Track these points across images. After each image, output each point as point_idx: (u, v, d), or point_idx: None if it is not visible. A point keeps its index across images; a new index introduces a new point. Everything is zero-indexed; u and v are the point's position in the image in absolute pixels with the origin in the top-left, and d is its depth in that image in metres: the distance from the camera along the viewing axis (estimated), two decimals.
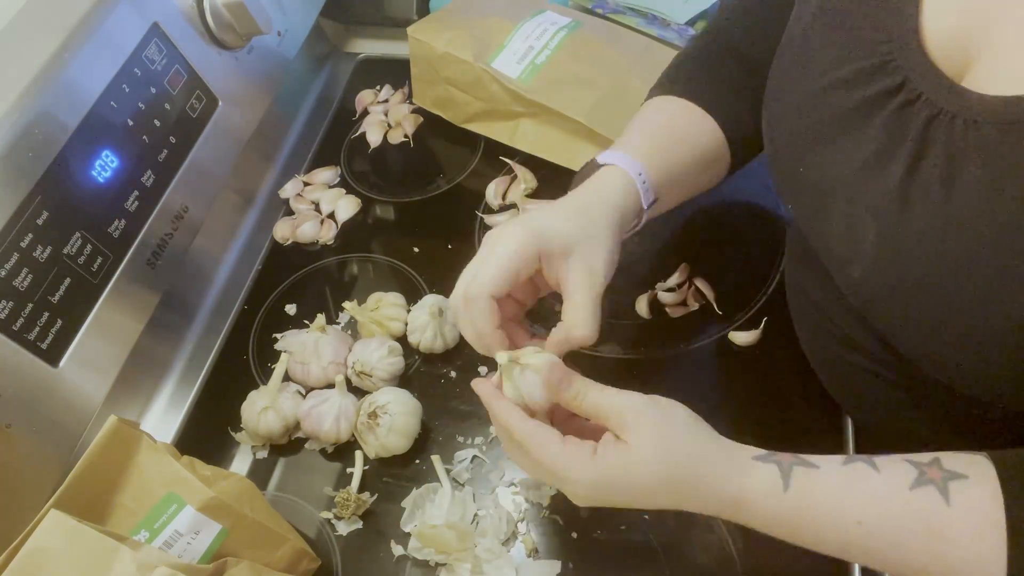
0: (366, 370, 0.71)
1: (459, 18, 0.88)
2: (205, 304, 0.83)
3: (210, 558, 0.53)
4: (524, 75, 0.81)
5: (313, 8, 0.97)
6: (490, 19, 0.87)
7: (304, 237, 0.86)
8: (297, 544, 0.60)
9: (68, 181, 0.62)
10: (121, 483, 0.53)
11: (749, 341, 0.71)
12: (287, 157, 0.96)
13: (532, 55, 0.83)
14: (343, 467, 0.69)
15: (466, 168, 0.91)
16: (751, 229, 0.81)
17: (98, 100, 0.64)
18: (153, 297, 0.72)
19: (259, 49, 0.84)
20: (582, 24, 0.87)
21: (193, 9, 0.74)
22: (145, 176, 0.69)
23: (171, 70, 0.72)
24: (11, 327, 0.57)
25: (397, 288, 0.79)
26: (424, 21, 0.89)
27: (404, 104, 0.99)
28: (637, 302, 0.75)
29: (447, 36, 0.85)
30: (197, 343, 0.80)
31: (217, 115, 0.78)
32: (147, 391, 0.76)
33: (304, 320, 0.78)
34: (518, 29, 0.85)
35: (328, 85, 1.05)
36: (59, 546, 0.46)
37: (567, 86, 0.80)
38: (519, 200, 0.84)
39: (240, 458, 0.71)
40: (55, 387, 0.61)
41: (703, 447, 0.47)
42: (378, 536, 0.65)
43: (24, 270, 0.58)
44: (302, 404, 0.69)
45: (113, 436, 0.52)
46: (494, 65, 0.82)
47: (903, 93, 0.42)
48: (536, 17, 0.87)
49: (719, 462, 0.46)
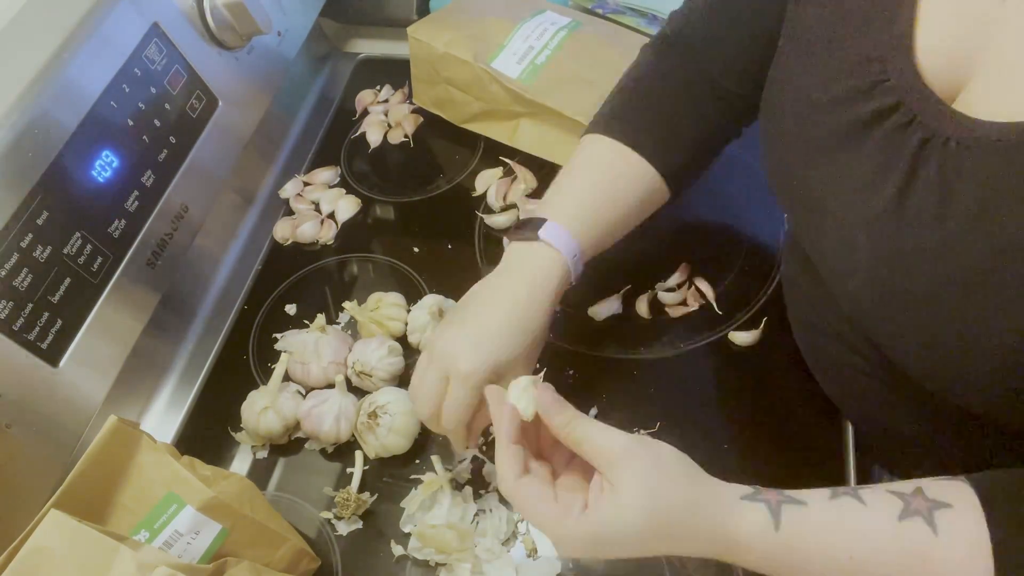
0: (366, 370, 0.71)
1: (459, 18, 0.88)
2: (205, 304, 0.83)
3: (210, 558, 0.53)
4: (524, 75, 0.81)
5: (313, 8, 0.97)
6: (489, 19, 0.87)
7: (304, 237, 0.86)
8: (297, 544, 0.60)
9: (68, 181, 0.62)
10: (121, 483, 0.53)
11: (749, 341, 0.71)
12: (287, 157, 0.96)
13: (532, 55, 0.83)
14: (343, 467, 0.69)
15: (466, 168, 0.91)
16: (751, 229, 0.81)
17: (98, 100, 0.64)
18: (153, 297, 0.72)
19: (259, 49, 0.84)
20: (582, 24, 0.87)
21: (193, 9, 0.74)
22: (145, 176, 0.69)
23: (171, 70, 0.72)
24: (11, 327, 0.57)
25: (397, 288, 0.79)
26: (424, 21, 0.89)
27: (404, 104, 0.99)
28: (637, 302, 0.75)
29: (447, 36, 0.85)
30: (197, 343, 0.80)
31: (217, 115, 0.78)
32: (147, 391, 0.76)
33: (304, 320, 0.78)
34: (518, 29, 0.85)
35: (328, 85, 1.05)
36: (59, 546, 0.46)
37: (568, 86, 0.80)
38: (519, 200, 0.84)
39: (240, 458, 0.71)
40: (55, 387, 0.61)
41: (691, 491, 0.46)
42: (378, 536, 0.65)
43: (24, 270, 0.58)
44: (302, 404, 0.69)
45: (113, 436, 0.52)
46: (494, 65, 0.82)
47: (897, 115, 0.43)
48: (536, 17, 0.87)
49: (708, 505, 0.46)
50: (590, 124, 0.66)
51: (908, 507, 0.43)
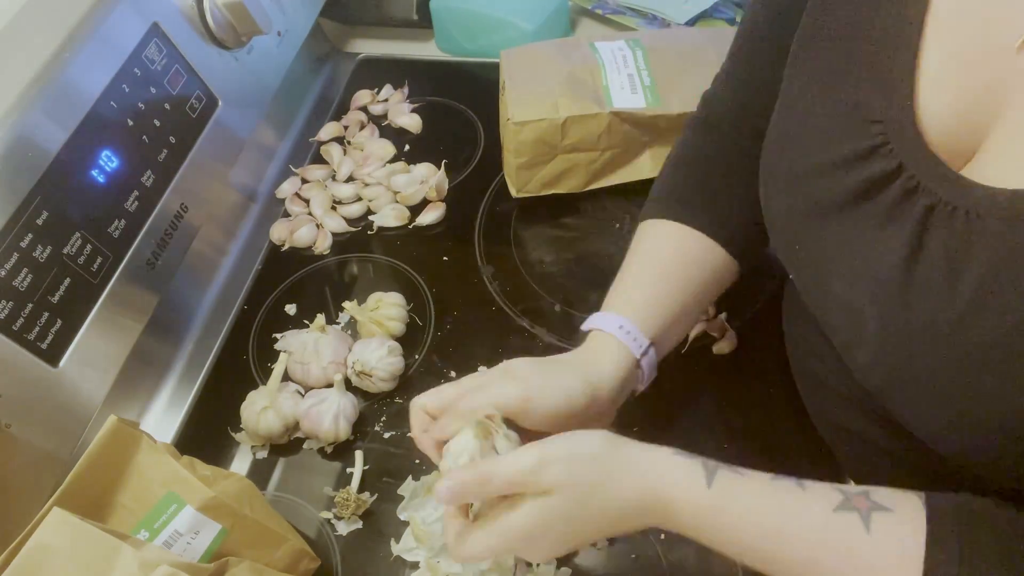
0: (366, 370, 0.71)
1: (536, 88, 0.81)
2: (205, 304, 0.83)
3: (210, 558, 0.53)
4: (651, 100, 0.79)
5: (313, 8, 0.97)
6: (566, 72, 0.82)
7: (300, 243, 0.86)
8: (297, 544, 0.60)
9: (68, 181, 0.62)
10: (121, 483, 0.53)
11: (726, 350, 0.72)
12: (287, 157, 0.96)
13: (637, 81, 0.80)
14: (343, 467, 0.69)
15: (467, 168, 0.91)
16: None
17: (98, 100, 0.64)
18: (153, 297, 0.72)
19: (259, 49, 0.84)
20: (639, 37, 0.86)
21: (193, 9, 0.74)
22: (145, 176, 0.69)
23: (171, 70, 0.72)
24: (11, 327, 0.57)
25: (397, 288, 0.79)
26: (510, 105, 0.80)
27: (404, 103, 0.99)
28: None
29: (551, 103, 0.79)
30: (197, 343, 0.80)
31: (217, 115, 0.78)
32: (147, 391, 0.76)
33: (304, 320, 0.78)
34: (603, 67, 0.82)
35: (328, 85, 1.05)
36: (62, 543, 0.46)
37: (685, 86, 0.78)
38: None
39: (240, 458, 0.71)
40: (55, 387, 0.61)
41: (616, 453, 0.46)
42: (378, 536, 0.65)
43: (24, 270, 0.58)
44: (301, 403, 0.69)
45: (113, 436, 0.52)
46: (618, 106, 0.79)
47: (900, 180, 0.41)
48: (601, 51, 0.84)
49: (638, 471, 0.45)
50: (645, 208, 0.64)
51: (847, 502, 0.42)
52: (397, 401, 0.73)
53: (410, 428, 0.55)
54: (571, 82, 0.81)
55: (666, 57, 0.83)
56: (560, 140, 0.80)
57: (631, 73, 0.81)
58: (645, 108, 0.79)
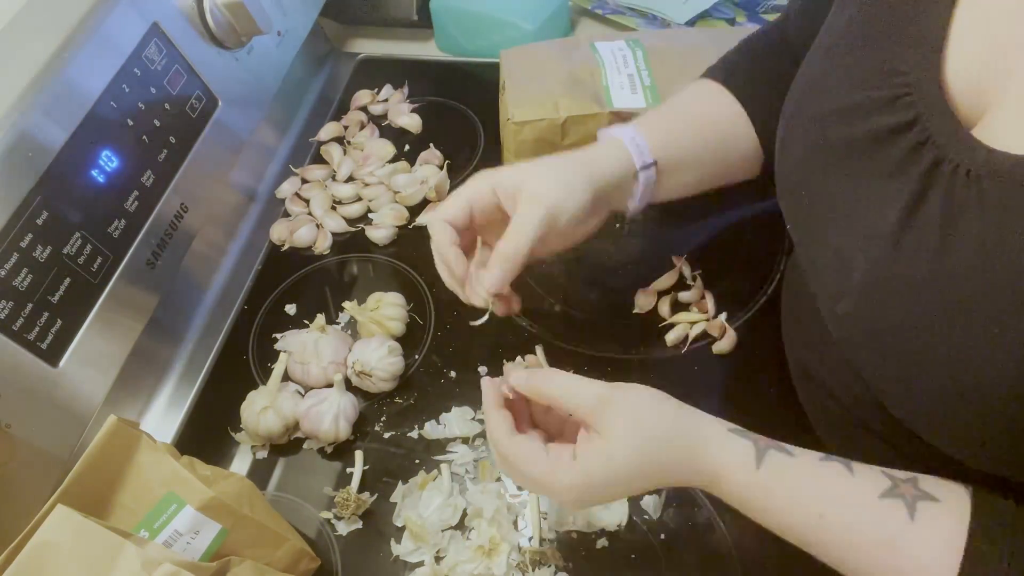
0: (366, 370, 0.71)
1: (537, 89, 0.81)
2: (205, 304, 0.83)
3: (210, 558, 0.53)
4: (651, 100, 0.79)
5: (313, 8, 0.97)
6: (566, 71, 0.82)
7: (300, 242, 0.86)
8: (297, 544, 0.60)
9: (68, 181, 0.62)
10: (121, 483, 0.53)
11: (725, 349, 0.72)
12: (287, 157, 0.96)
13: (637, 81, 0.81)
14: (343, 467, 0.69)
15: (467, 167, 0.91)
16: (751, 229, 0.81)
17: (98, 100, 0.64)
18: (153, 297, 0.72)
19: (259, 49, 0.84)
20: (639, 37, 0.86)
21: (193, 9, 0.74)
22: (145, 176, 0.69)
23: (171, 70, 0.72)
24: (11, 327, 0.57)
25: (397, 288, 0.79)
26: (510, 105, 0.80)
27: (404, 103, 0.99)
28: (659, 303, 0.76)
29: (551, 103, 0.79)
30: (197, 343, 0.80)
31: (217, 115, 0.78)
32: (147, 391, 0.76)
33: (304, 320, 0.78)
34: (603, 67, 0.82)
35: (328, 85, 1.05)
36: (65, 541, 0.46)
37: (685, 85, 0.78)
38: None
39: (240, 458, 0.71)
40: (55, 387, 0.61)
41: (675, 423, 0.48)
42: (378, 536, 0.65)
43: (24, 270, 0.58)
44: (301, 403, 0.69)
45: (113, 436, 0.52)
46: (619, 106, 0.79)
47: (913, 132, 0.41)
48: (600, 51, 0.84)
49: (693, 438, 0.48)
50: (707, 70, 0.68)
51: (893, 488, 0.43)
52: (397, 401, 0.73)
53: (436, 271, 0.61)
54: (571, 82, 0.81)
55: (666, 57, 0.83)
56: (560, 140, 0.80)
57: (631, 73, 0.81)
58: (645, 108, 0.79)
